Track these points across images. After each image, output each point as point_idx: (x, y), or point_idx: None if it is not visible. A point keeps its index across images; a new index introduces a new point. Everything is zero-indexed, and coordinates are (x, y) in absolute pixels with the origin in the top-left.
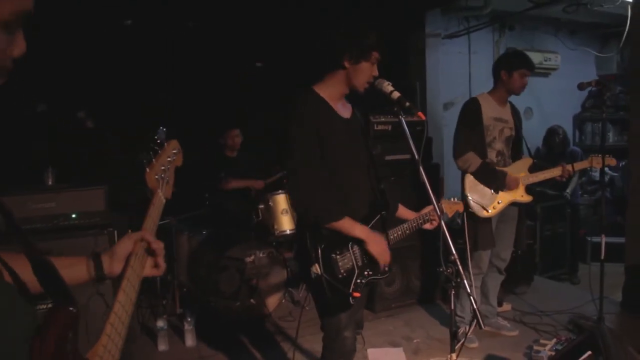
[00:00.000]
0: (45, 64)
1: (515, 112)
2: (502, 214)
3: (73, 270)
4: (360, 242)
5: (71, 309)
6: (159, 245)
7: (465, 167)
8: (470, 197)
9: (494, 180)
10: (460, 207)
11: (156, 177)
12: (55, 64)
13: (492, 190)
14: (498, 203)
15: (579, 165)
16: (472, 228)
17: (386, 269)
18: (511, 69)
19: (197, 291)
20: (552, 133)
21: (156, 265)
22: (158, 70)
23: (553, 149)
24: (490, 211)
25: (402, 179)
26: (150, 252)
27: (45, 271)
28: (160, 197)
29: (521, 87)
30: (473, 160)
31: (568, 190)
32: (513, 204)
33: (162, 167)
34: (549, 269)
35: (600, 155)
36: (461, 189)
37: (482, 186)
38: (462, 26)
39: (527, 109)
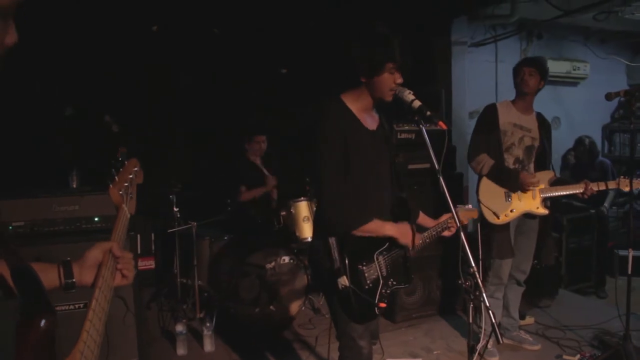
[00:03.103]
0: (71, 69)
1: (543, 124)
2: (521, 225)
3: (44, 276)
4: (384, 251)
5: (43, 321)
6: (127, 257)
7: (479, 169)
8: (482, 202)
9: (507, 179)
10: (474, 214)
11: (120, 192)
12: (82, 68)
13: (508, 191)
14: (511, 211)
15: (606, 185)
16: (488, 236)
17: (411, 276)
18: (517, 68)
19: (217, 296)
20: (578, 143)
21: (124, 276)
22: (184, 76)
23: (580, 158)
24: (501, 218)
25: (424, 188)
26: (119, 263)
27: (23, 279)
28: (125, 211)
29: (522, 83)
30: (486, 161)
31: (606, 204)
32: (530, 216)
33: (125, 184)
34: (575, 282)
35: (628, 178)
36: (476, 193)
37: (495, 192)
38: (489, 34)
39: (555, 119)
